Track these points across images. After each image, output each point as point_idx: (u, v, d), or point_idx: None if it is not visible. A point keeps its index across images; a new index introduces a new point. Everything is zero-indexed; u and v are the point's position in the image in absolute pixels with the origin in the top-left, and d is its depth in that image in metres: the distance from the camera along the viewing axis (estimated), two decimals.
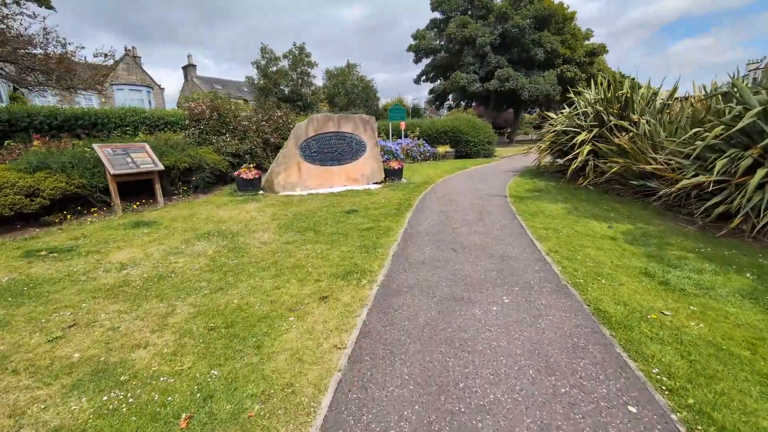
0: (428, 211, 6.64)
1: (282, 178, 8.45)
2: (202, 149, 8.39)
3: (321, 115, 8.62)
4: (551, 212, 6.44)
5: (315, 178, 8.79)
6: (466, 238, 5.02)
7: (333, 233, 5.38)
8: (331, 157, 8.87)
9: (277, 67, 26.84)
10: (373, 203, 7.33)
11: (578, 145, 8.23)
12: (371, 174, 9.36)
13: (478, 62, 25.28)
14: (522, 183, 9.25)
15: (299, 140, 8.48)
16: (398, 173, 9.66)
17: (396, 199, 7.61)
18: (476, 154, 16.76)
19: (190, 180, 7.76)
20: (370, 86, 31.63)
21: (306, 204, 7.32)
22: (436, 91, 28.82)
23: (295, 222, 5.99)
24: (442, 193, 8.28)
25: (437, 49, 28.10)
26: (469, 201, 7.42)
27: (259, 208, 6.91)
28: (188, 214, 6.48)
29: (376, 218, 6.18)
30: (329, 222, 5.98)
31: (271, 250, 4.73)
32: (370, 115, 9.33)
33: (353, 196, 8.11)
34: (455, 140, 16.78)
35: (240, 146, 9.28)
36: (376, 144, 9.30)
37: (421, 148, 15.58)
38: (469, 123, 16.75)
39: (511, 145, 30.47)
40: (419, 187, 9.03)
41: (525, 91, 24.81)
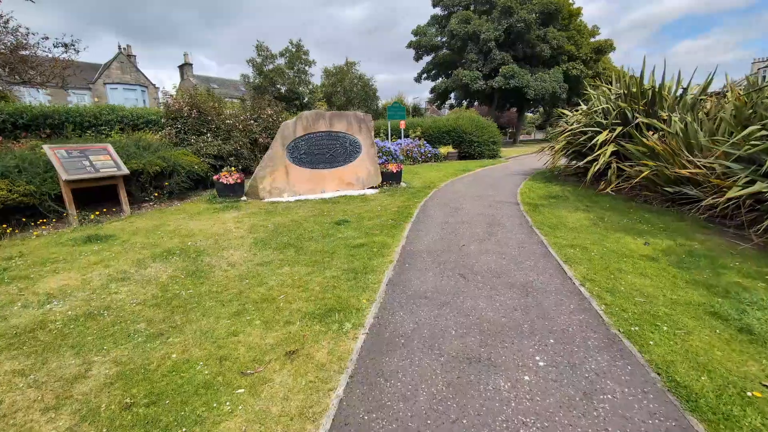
0: (430, 223, 5.77)
1: (267, 183, 7.59)
2: (179, 151, 7.54)
3: (311, 113, 7.76)
4: (573, 224, 5.55)
5: (304, 183, 7.92)
6: (477, 260, 4.15)
7: (317, 251, 4.52)
8: (322, 159, 8.01)
9: (273, 65, 26.01)
10: (367, 212, 6.47)
11: (599, 146, 7.34)
12: (367, 178, 8.49)
13: (482, 59, 24.39)
14: (534, 188, 8.36)
15: (287, 141, 7.62)
16: (397, 177, 8.79)
17: (394, 207, 6.74)
18: (480, 155, 15.88)
19: (163, 185, 6.90)
20: (370, 85, 30.77)
21: (292, 213, 6.46)
22: (437, 89, 27.95)
23: (275, 236, 5.13)
24: (445, 200, 7.40)
25: (439, 46, 27.23)
26: (477, 209, 6.54)
27: (237, 219, 6.05)
28: (154, 226, 5.62)
29: (369, 231, 5.32)
30: (315, 236, 5.12)
31: (238, 274, 3.87)
32: (365, 113, 8.45)
33: (346, 203, 7.24)
34: (458, 140, 15.90)
35: (223, 147, 8.42)
36: (372, 144, 8.44)
37: (422, 149, 14.71)
38: (473, 122, 15.87)
39: (515, 145, 29.56)
40: (420, 192, 8.16)
41: (530, 89, 23.91)
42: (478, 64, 24.30)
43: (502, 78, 23.19)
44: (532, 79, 24.18)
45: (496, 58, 23.70)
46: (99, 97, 27.84)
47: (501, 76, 23.21)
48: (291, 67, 26.43)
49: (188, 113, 7.88)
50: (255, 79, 25.68)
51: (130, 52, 31.36)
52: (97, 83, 27.23)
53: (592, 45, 32.99)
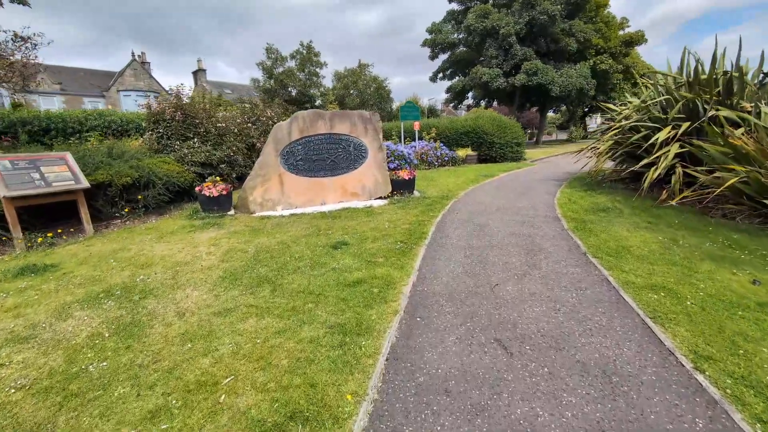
0: (449, 247, 4.55)
1: (258, 194, 6.55)
2: (158, 158, 6.59)
3: (308, 112, 6.68)
4: (640, 249, 4.22)
5: (301, 194, 6.84)
6: (520, 312, 2.91)
7: (300, 291, 3.39)
8: (322, 166, 6.91)
9: (283, 67, 25.35)
10: (372, 230, 5.31)
11: (658, 146, 5.95)
12: (374, 187, 7.33)
13: (502, 55, 22.91)
14: (575, 197, 6.99)
15: (280, 145, 6.56)
16: (409, 185, 7.60)
17: (404, 224, 5.55)
18: (503, 158, 14.48)
19: (136, 199, 5.95)
20: (384, 86, 29.75)
21: (282, 231, 5.37)
22: (454, 88, 26.59)
23: (252, 266, 4.04)
24: (467, 214, 6.15)
25: (455, 44, 25.90)
26: (508, 227, 5.28)
27: (213, 240, 4.99)
28: (111, 251, 4.63)
29: (372, 258, 4.16)
30: (303, 265, 4.01)
31: (184, 332, 2.78)
32: (372, 111, 7.32)
33: (348, 217, 6.10)
34: (478, 142, 14.56)
35: (212, 153, 7.45)
36: (380, 148, 7.28)
37: (438, 152, 13.47)
38: (494, 122, 14.51)
39: (537, 146, 27.83)
40: (436, 203, 6.94)
41: (555, 86, 22.25)
42: (498, 61, 22.82)
43: (524, 75, 21.64)
44: (557, 75, 22.50)
45: (517, 53, 22.18)
46: (113, 104, 27.89)
47: (523, 73, 21.66)
48: (302, 69, 25.71)
49: (171, 116, 6.95)
50: (265, 83, 25.06)
51: (144, 59, 31.47)
52: (111, 90, 27.26)
53: (621, 38, 30.91)
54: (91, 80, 27.77)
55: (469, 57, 26.08)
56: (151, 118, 6.94)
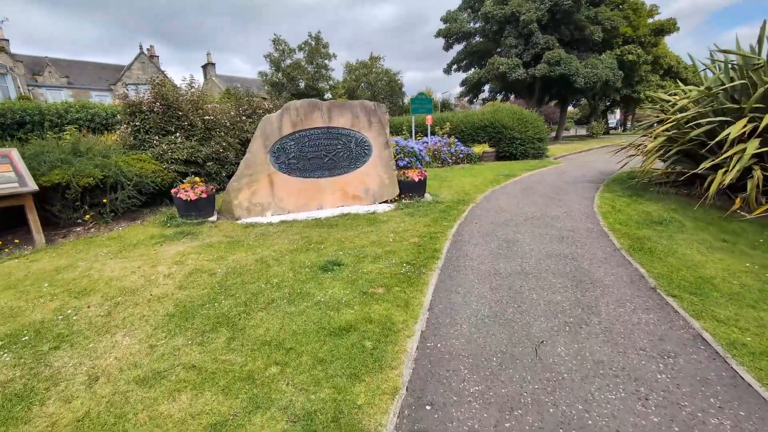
0: (470, 273, 3.55)
1: (244, 197, 5.66)
2: (132, 155, 5.76)
3: (302, 102, 5.73)
4: (728, 282, 3.13)
5: (295, 197, 5.92)
6: (588, 406, 1.90)
7: (266, 342, 2.48)
8: (318, 164, 5.96)
9: (291, 59, 24.47)
10: (373, 243, 4.35)
11: (729, 144, 4.79)
12: (379, 189, 6.36)
13: (522, 44, 21.44)
14: (619, 204, 5.85)
15: (270, 141, 5.64)
16: (420, 187, 6.59)
17: (413, 236, 4.57)
18: (524, 155, 13.27)
19: (102, 202, 5.13)
20: (395, 80, 28.62)
21: (265, 244, 4.46)
22: (469, 81, 25.21)
23: (215, 296, 3.14)
24: (489, 225, 5.12)
25: (471, 33, 24.48)
26: (543, 244, 4.23)
27: (180, 256, 4.11)
28: (54, 269, 3.80)
29: (369, 288, 3.21)
30: (279, 297, 3.09)
31: (80, 417, 1.90)
32: (377, 102, 6.32)
33: (347, 226, 5.16)
34: (496, 137, 13.39)
35: (198, 149, 6.58)
36: (386, 145, 6.29)
37: (453, 148, 12.37)
38: (514, 115, 13.29)
39: (557, 142, 26.28)
40: (451, 209, 5.92)
41: (579, 77, 20.71)
42: (518, 50, 21.36)
43: (545, 65, 20.15)
44: (582, 66, 20.92)
45: (538, 42, 20.68)
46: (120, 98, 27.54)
47: (545, 63, 20.18)
48: (310, 62, 24.78)
49: (149, 107, 6.10)
50: (272, 76, 24.24)
51: (153, 53, 31.06)
52: (119, 84, 26.88)
53: (651, 26, 28.92)
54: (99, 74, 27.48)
55: (486, 47, 24.65)
56: (127, 109, 6.11)
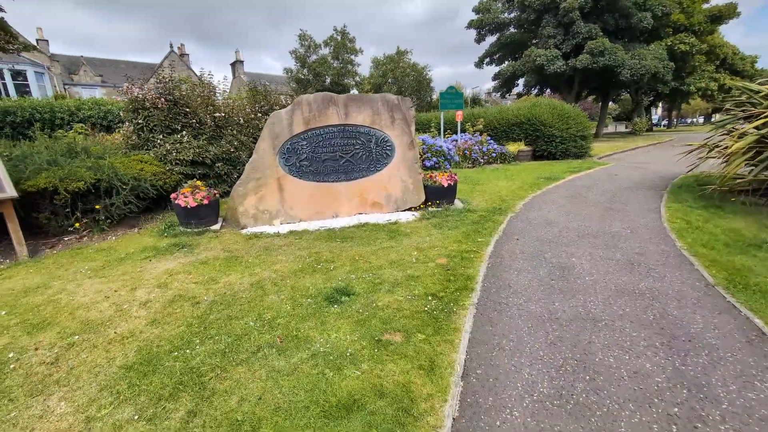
0: (516, 313, 2.71)
1: (251, 204, 5.06)
2: (133, 156, 5.31)
3: (314, 96, 5.04)
4: None
5: (307, 203, 5.26)
6: None
7: (235, 425, 1.78)
8: (333, 167, 5.27)
9: (317, 55, 24.04)
10: (393, 265, 3.60)
11: None
12: (402, 195, 5.58)
13: (561, 34, 19.83)
14: (695, 219, 4.76)
15: (279, 140, 5.00)
16: (449, 193, 5.75)
17: (440, 256, 3.77)
18: (564, 154, 12.03)
19: (95, 209, 4.68)
20: (423, 74, 27.60)
21: (267, 262, 3.83)
22: (502, 74, 23.76)
23: (189, 340, 2.51)
24: (534, 243, 4.23)
25: (505, 23, 23.02)
26: (609, 275, 3.31)
27: (167, 276, 3.54)
28: (23, 290, 3.32)
29: (383, 333, 2.48)
30: (266, 344, 2.43)
31: None
32: (401, 96, 5.53)
33: (364, 239, 4.43)
34: (533, 135, 12.22)
35: (206, 149, 6.08)
36: (411, 144, 5.50)
37: (485, 147, 11.37)
38: (554, 110, 12.06)
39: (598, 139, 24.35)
40: (486, 221, 5.05)
41: (625, 69, 18.88)
42: (556, 41, 19.77)
43: (588, 56, 18.47)
44: (628, 57, 19.06)
45: (580, 31, 19.01)
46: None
47: (587, 54, 18.49)
48: (336, 57, 24.26)
49: (153, 103, 5.63)
50: (298, 72, 23.93)
51: (183, 51, 31.70)
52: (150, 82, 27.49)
53: (707, 12, 26.14)
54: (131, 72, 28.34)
55: (521, 38, 23.12)
56: (129, 106, 5.68)
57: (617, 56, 18.67)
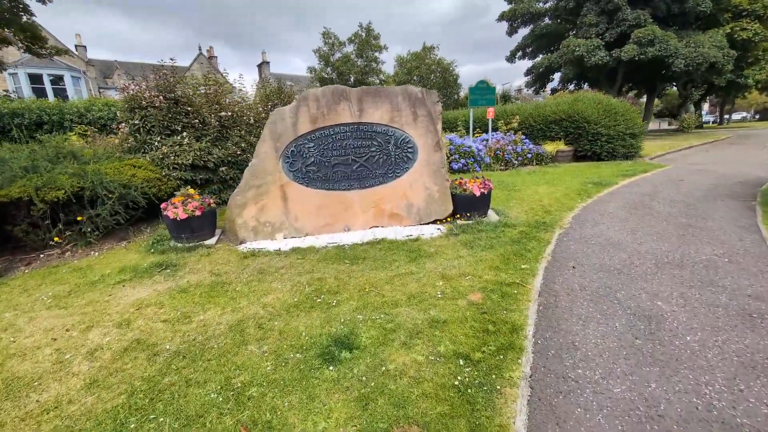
0: (594, 405, 1.80)
1: (250, 215, 4.39)
2: (127, 160, 4.79)
3: (323, 90, 4.29)
4: None
5: (314, 215, 4.54)
6: None
7: None
8: (345, 173, 4.51)
9: (341, 53, 23.51)
10: (411, 301, 2.79)
11: None
12: (426, 205, 4.74)
13: (605, 22, 18.15)
14: None
15: (282, 142, 4.30)
16: (482, 203, 4.84)
17: (473, 289, 2.91)
18: (610, 154, 10.70)
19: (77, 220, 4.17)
20: (450, 71, 26.47)
21: (258, 291, 3.13)
22: (536, 68, 22.23)
23: (125, 419, 1.81)
24: (598, 273, 3.26)
25: (541, 13, 21.48)
26: (720, 333, 2.33)
27: (134, 309, 2.90)
28: None
29: (392, 428, 1.65)
30: None
31: None
32: (427, 89, 4.70)
33: (378, 261, 3.64)
34: (574, 133, 10.97)
35: (209, 152, 5.51)
36: (437, 145, 4.64)
37: (519, 147, 10.27)
38: (599, 105, 10.75)
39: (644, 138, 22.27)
40: (529, 238, 4.11)
41: (678, 59, 16.96)
42: (599, 30, 18.11)
43: (634, 45, 16.72)
44: (682, 45, 17.12)
45: (626, 18, 17.28)
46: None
47: (634, 43, 16.74)
48: (360, 55, 23.62)
49: (150, 101, 5.10)
50: (321, 71, 23.50)
51: (212, 54, 32.19)
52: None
53: None
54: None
55: (558, 29, 21.51)
56: (126, 105, 5.20)
57: (669, 45, 16.80)
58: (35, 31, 12.61)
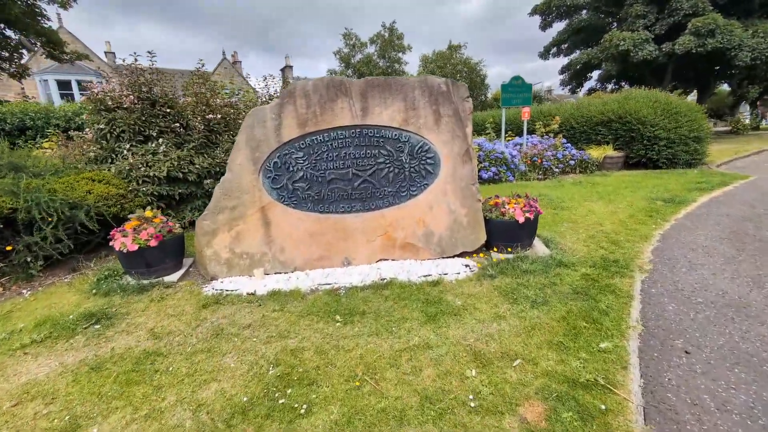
0: None
1: (223, 243, 3.42)
2: (82, 175, 3.95)
3: (315, 83, 3.26)
4: None
5: (306, 245, 3.51)
6: None
7: None
8: (344, 192, 3.45)
9: (362, 54, 22.66)
10: (425, 407, 1.65)
11: None
12: (450, 233, 3.59)
13: (654, 12, 16.24)
14: None
15: (261, 151, 3.31)
16: (526, 232, 3.63)
17: (527, 396, 1.74)
18: (670, 162, 9.08)
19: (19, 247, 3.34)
20: (477, 70, 25.05)
21: (201, 373, 2.12)
22: (573, 65, 20.43)
23: None
24: (735, 374, 2.02)
25: (578, 6, 19.70)
26: None
27: (14, 400, 1.95)
28: None
29: None
30: None
31: None
32: (453, 80, 3.57)
33: (382, 321, 2.54)
34: (626, 136, 9.43)
35: (190, 161, 4.62)
36: (467, 155, 3.49)
37: (560, 153, 8.89)
38: (656, 104, 9.18)
39: None
40: (599, 288, 2.88)
41: (743, 51, 14.82)
42: (647, 21, 16.22)
43: (692, 36, 14.72)
44: (748, 36, 14.97)
45: (681, 6, 15.31)
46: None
47: (691, 34, 14.75)
48: (382, 56, 22.68)
49: (117, 102, 4.27)
50: (341, 73, 22.73)
51: (236, 59, 32.28)
52: None
53: None
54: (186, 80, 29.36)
55: (598, 23, 19.66)
56: (90, 106, 4.39)
57: (733, 36, 14.69)
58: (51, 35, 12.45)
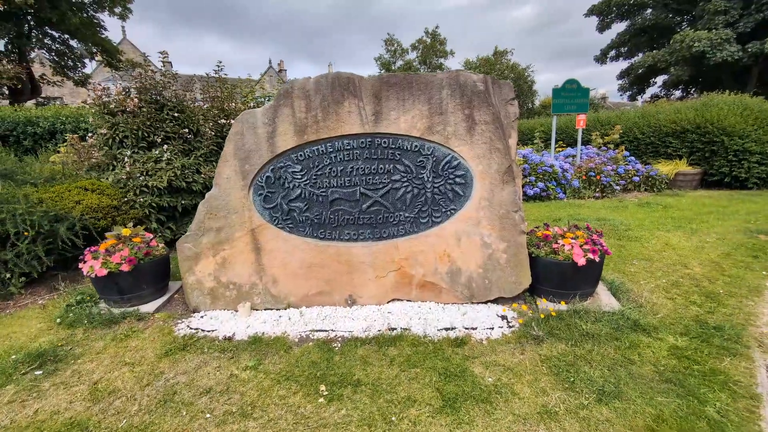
0: None
1: (205, 271, 2.89)
2: (75, 183, 3.65)
3: (316, 81, 2.65)
4: None
5: (302, 277, 2.88)
6: None
7: None
8: (350, 215, 2.79)
9: (403, 60, 22.17)
10: None
11: None
12: (483, 272, 2.79)
13: (737, 7, 14.16)
14: None
15: (252, 163, 2.74)
16: (586, 278, 2.75)
17: None
18: (763, 181, 7.49)
19: None
20: (524, 77, 23.60)
21: None
22: (635, 69, 18.42)
23: None
24: None
25: (642, 4, 17.79)
26: None
27: None
28: None
29: None
30: None
31: None
32: (494, 77, 2.80)
33: (380, 408, 1.83)
34: (704, 150, 7.96)
35: (196, 170, 4.23)
36: (509, 174, 2.70)
37: (622, 167, 7.65)
38: (746, 111, 7.65)
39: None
40: (701, 374, 1.96)
41: None
42: (728, 18, 14.16)
43: None
44: None
45: None
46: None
47: None
48: (424, 62, 22.05)
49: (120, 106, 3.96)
50: None
51: (282, 67, 33.30)
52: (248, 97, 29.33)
53: None
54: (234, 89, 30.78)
55: (665, 22, 17.61)
56: (94, 110, 4.14)
57: None
58: (105, 44, 13.16)
